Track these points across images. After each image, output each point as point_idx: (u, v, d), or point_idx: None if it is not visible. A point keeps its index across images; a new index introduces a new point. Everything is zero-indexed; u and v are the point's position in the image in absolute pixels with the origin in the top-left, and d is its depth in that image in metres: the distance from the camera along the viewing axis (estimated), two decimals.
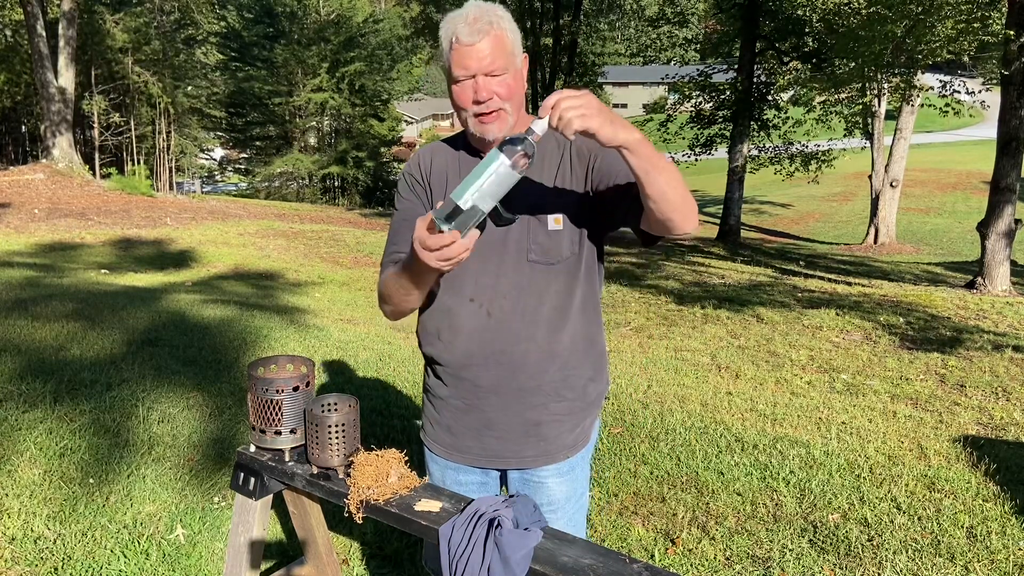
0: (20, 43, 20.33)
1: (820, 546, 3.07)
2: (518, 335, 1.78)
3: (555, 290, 1.80)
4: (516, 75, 1.74)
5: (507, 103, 1.72)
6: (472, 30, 1.66)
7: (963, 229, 21.47)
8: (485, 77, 1.69)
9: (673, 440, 4.12)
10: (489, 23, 1.68)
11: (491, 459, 1.87)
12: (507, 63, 1.70)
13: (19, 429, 3.52)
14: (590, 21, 25.13)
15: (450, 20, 1.70)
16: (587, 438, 1.90)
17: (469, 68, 1.68)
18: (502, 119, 1.73)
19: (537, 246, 1.77)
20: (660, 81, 27.30)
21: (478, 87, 1.69)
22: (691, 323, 7.37)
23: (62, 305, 5.77)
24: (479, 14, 1.68)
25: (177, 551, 2.80)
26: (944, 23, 12.41)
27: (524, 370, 1.79)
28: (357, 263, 10.85)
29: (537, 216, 1.78)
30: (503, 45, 1.69)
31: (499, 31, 1.69)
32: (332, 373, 4.89)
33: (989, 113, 34.38)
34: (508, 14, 1.75)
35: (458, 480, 1.92)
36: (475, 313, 1.79)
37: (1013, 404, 5.02)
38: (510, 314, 1.78)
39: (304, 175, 32.32)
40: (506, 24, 1.71)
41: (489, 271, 1.78)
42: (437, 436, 1.93)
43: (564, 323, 1.81)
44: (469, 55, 1.67)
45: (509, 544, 1.49)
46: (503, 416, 1.83)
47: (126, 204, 14.90)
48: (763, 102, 18.98)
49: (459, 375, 1.84)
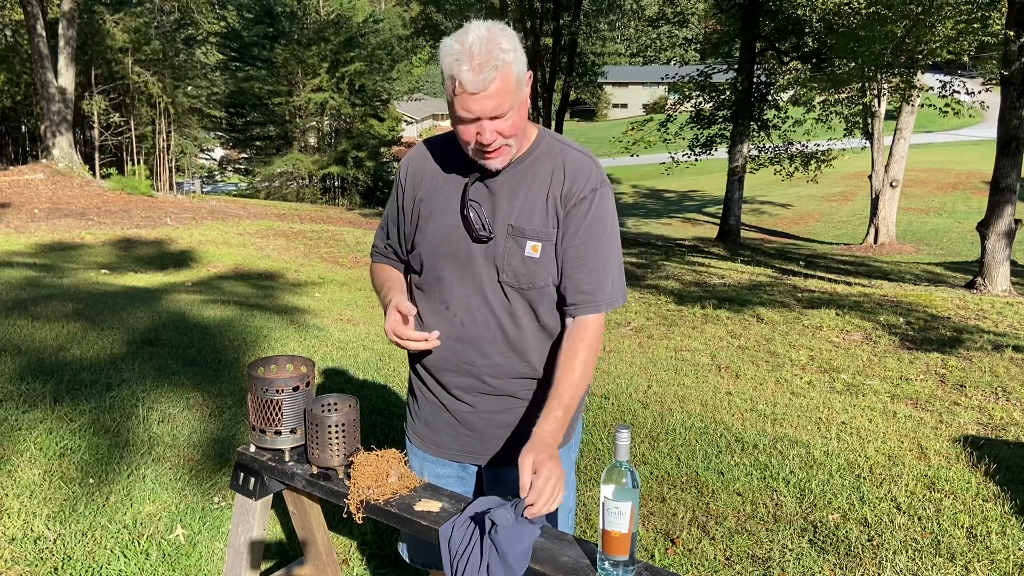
0: (20, 43, 20.34)
1: (820, 546, 3.07)
2: (487, 349, 1.81)
3: (529, 311, 1.80)
4: (521, 106, 1.67)
5: (511, 139, 1.68)
6: (477, 78, 1.56)
7: (963, 229, 21.47)
8: (490, 120, 1.63)
9: (673, 440, 4.12)
10: (495, 67, 1.56)
11: (467, 455, 1.92)
12: (512, 101, 1.63)
13: (19, 429, 3.52)
14: (590, 21, 25.13)
15: (452, 53, 1.58)
16: (567, 437, 1.88)
17: (472, 112, 1.61)
18: (505, 154, 1.70)
19: (510, 269, 1.75)
20: (660, 81, 27.27)
21: (482, 129, 1.64)
22: (691, 323, 7.37)
23: (62, 305, 5.77)
24: (484, 55, 1.56)
25: (177, 551, 2.80)
26: (944, 23, 12.42)
27: (495, 379, 1.83)
28: (357, 263, 10.84)
29: (515, 239, 1.75)
30: (508, 84, 1.60)
31: (506, 71, 1.58)
32: (332, 373, 4.89)
33: (989, 113, 34.39)
34: (512, 37, 1.62)
35: (436, 472, 1.95)
36: (450, 321, 1.82)
37: (1013, 404, 5.02)
38: (482, 327, 1.80)
39: (304, 175, 32.29)
40: (511, 56, 1.59)
41: (467, 283, 1.79)
42: (416, 428, 1.98)
43: (537, 341, 1.82)
44: (474, 101, 1.59)
45: (505, 541, 1.49)
46: (476, 418, 1.87)
47: (126, 204, 14.90)
48: (763, 102, 18.98)
49: (434, 376, 1.88)
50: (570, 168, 1.76)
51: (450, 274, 1.80)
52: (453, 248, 1.78)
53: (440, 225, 1.79)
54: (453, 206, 1.78)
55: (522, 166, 1.77)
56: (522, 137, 1.72)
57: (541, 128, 1.83)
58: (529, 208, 1.75)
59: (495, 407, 1.85)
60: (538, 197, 1.76)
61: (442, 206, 1.80)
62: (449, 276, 1.80)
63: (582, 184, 1.75)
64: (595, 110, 65.57)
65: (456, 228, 1.77)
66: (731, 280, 10.41)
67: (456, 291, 1.80)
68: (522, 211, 1.75)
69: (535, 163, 1.77)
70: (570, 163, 1.77)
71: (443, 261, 1.80)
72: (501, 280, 1.76)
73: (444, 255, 1.79)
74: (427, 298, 1.86)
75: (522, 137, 1.72)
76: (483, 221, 1.75)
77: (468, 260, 1.77)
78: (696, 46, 26.11)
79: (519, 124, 1.67)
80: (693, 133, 20.03)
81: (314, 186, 32.41)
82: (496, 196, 1.77)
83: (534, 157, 1.78)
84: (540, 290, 1.78)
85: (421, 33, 24.90)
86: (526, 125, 1.73)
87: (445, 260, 1.79)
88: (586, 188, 1.75)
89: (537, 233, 1.75)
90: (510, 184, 1.76)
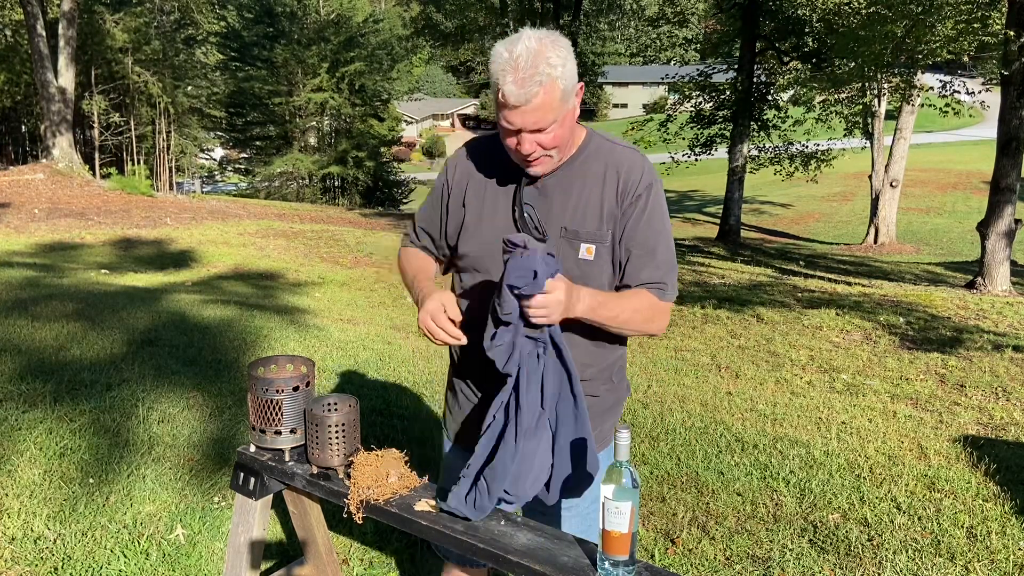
0: (20, 43, 20.34)
1: (820, 546, 3.07)
2: None
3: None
4: (566, 119, 1.66)
5: (552, 151, 1.68)
6: (519, 92, 1.57)
7: (963, 229, 21.46)
8: (531, 133, 1.63)
9: (673, 440, 4.12)
10: (539, 82, 1.56)
11: None
12: (556, 114, 1.62)
13: (19, 429, 3.52)
14: (590, 21, 25.14)
15: (499, 62, 1.59)
16: (607, 440, 1.90)
17: (514, 124, 1.63)
18: (545, 164, 1.70)
19: (563, 271, 1.71)
20: (660, 81, 27.28)
21: (523, 140, 1.64)
22: (691, 323, 7.37)
23: (62, 305, 5.77)
24: (529, 69, 1.55)
25: (177, 551, 2.80)
26: (944, 23, 12.41)
27: None
28: (357, 263, 10.84)
29: (569, 241, 1.74)
30: (551, 99, 1.59)
31: (550, 86, 1.58)
32: (332, 373, 4.89)
33: (989, 113, 34.40)
34: (563, 49, 1.60)
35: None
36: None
37: (1013, 404, 5.02)
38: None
39: (304, 175, 32.28)
40: (558, 71, 1.58)
41: None
42: (453, 422, 1.98)
43: (586, 347, 1.81)
44: (516, 114, 1.61)
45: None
46: None
47: (126, 204, 14.90)
48: (763, 102, 18.98)
49: (476, 379, 1.87)
50: (623, 167, 1.76)
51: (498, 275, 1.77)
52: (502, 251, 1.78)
53: (490, 228, 1.79)
54: (503, 208, 1.78)
55: (572, 168, 1.76)
56: (565, 147, 1.72)
57: (589, 129, 1.83)
58: (582, 210, 1.75)
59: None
60: (591, 199, 1.75)
61: (492, 208, 1.80)
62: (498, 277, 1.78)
63: (636, 181, 1.75)
64: (595, 110, 65.53)
65: (506, 231, 1.74)
66: (731, 280, 10.41)
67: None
68: (575, 213, 1.75)
69: (585, 164, 1.76)
70: (621, 162, 1.77)
71: (492, 263, 1.77)
72: None
73: (494, 257, 1.76)
74: (471, 300, 1.84)
75: (565, 147, 1.72)
76: (537, 223, 1.75)
77: None
78: (696, 46, 26.16)
79: (561, 136, 1.67)
80: (693, 133, 20.03)
81: (314, 186, 32.41)
82: (548, 198, 1.76)
83: (584, 158, 1.77)
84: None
85: (421, 33, 24.90)
86: (572, 134, 1.73)
87: (494, 262, 1.75)
88: (641, 185, 1.75)
89: (591, 236, 1.74)
90: (561, 186, 1.76)
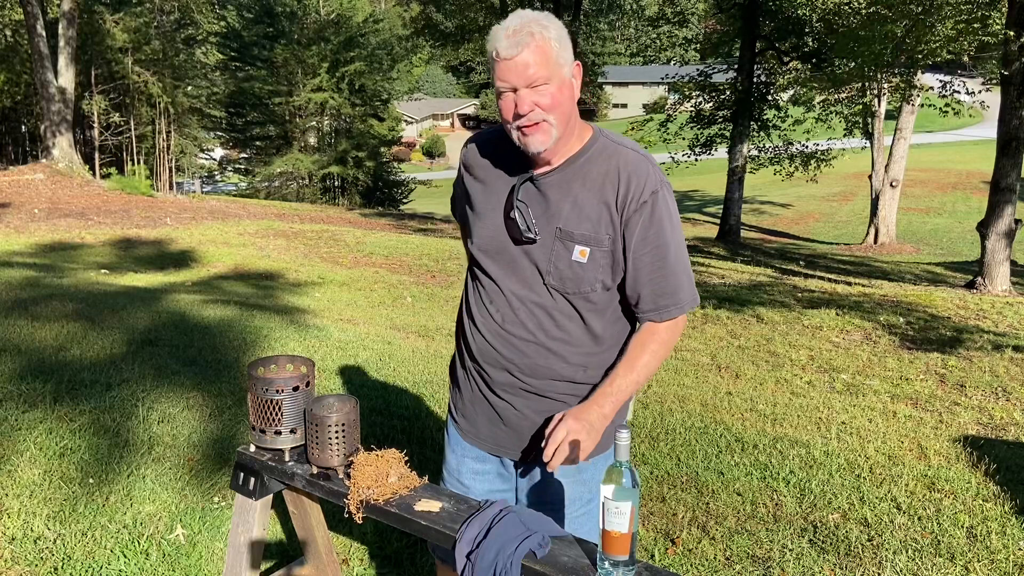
0: (20, 43, 20.32)
1: (820, 546, 3.07)
2: (526, 348, 1.79)
3: (575, 315, 1.78)
4: (562, 85, 1.67)
5: (550, 114, 1.66)
6: (511, 43, 1.61)
7: (963, 229, 21.47)
8: (526, 89, 1.64)
9: (673, 440, 4.12)
10: (530, 33, 1.62)
11: (502, 448, 1.91)
12: (550, 73, 1.64)
13: (19, 429, 3.52)
14: (590, 21, 25.16)
15: (494, 32, 1.66)
16: (603, 446, 1.82)
17: (509, 81, 1.64)
18: (544, 131, 1.67)
19: (556, 272, 1.74)
20: (660, 81, 27.28)
21: (519, 100, 1.65)
22: (691, 323, 7.37)
23: (62, 305, 5.76)
24: (520, 25, 1.63)
25: (177, 551, 2.80)
26: (944, 23, 12.41)
27: (533, 379, 1.82)
28: (357, 263, 10.84)
29: (564, 242, 1.73)
30: (546, 55, 1.63)
31: (542, 41, 1.63)
32: (332, 373, 4.89)
33: (989, 113, 34.36)
34: (557, 22, 1.68)
35: (474, 469, 1.95)
36: (492, 316, 1.82)
37: (1013, 404, 5.02)
38: (522, 326, 1.79)
39: (304, 175, 32.28)
40: (551, 32, 1.64)
41: (513, 281, 1.80)
42: (457, 417, 1.99)
43: (583, 346, 1.81)
44: (509, 68, 1.63)
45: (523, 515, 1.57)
46: (512, 414, 1.86)
47: (126, 204, 14.89)
48: (763, 102, 18.98)
49: (478, 369, 1.89)
50: (624, 171, 1.72)
51: (497, 271, 1.81)
52: (500, 247, 1.79)
53: (488, 224, 1.81)
54: (501, 206, 1.79)
55: (574, 166, 1.74)
56: (565, 119, 1.69)
57: (596, 127, 1.81)
58: (579, 212, 1.73)
59: (535, 408, 1.84)
60: (590, 201, 1.73)
61: (492, 204, 1.81)
62: (496, 272, 1.81)
63: (639, 188, 1.71)
64: (595, 110, 65.49)
65: (503, 228, 1.78)
66: (731, 280, 10.41)
67: (502, 288, 1.80)
68: (571, 214, 1.73)
69: (587, 164, 1.74)
70: (625, 166, 1.72)
71: (491, 258, 1.81)
72: (547, 283, 1.76)
73: (492, 253, 1.81)
74: (475, 288, 1.88)
75: (565, 119, 1.69)
76: (528, 223, 1.74)
77: (514, 260, 1.78)
78: (696, 46, 26.19)
79: (559, 100, 1.66)
80: (693, 133, 20.03)
81: (314, 186, 32.40)
82: (546, 197, 1.75)
83: (587, 158, 1.75)
84: (586, 295, 1.76)
85: (421, 33, 24.86)
86: (572, 110, 1.72)
87: (493, 257, 1.81)
88: (645, 192, 1.71)
89: (586, 238, 1.72)
90: (561, 185, 1.74)
